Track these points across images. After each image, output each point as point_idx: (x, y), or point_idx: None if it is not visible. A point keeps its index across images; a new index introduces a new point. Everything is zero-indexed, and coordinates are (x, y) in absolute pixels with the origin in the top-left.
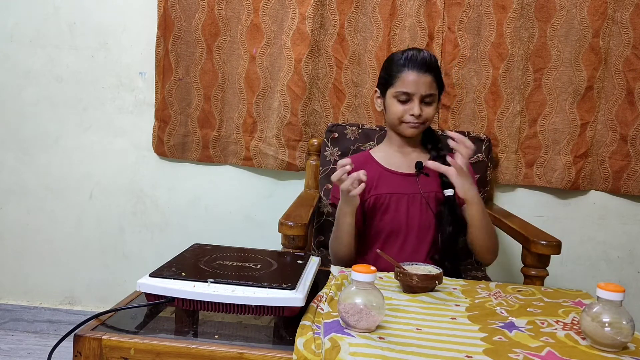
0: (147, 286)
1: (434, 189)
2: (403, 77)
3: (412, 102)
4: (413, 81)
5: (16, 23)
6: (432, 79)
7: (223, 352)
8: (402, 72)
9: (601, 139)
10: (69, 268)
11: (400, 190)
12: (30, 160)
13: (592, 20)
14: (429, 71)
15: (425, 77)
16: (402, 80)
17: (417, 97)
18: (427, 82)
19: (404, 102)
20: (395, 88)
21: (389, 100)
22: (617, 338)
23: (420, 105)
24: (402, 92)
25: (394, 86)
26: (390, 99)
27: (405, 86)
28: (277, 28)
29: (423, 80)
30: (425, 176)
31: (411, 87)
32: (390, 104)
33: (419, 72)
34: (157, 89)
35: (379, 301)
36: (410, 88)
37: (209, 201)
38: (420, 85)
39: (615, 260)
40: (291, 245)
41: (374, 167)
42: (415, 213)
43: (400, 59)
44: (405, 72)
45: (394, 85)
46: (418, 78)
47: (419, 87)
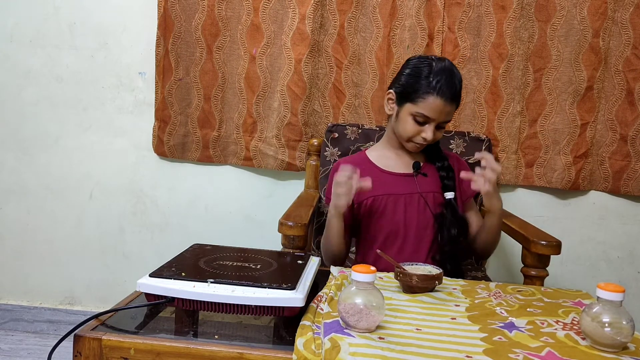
0: (147, 286)
1: (432, 189)
2: (429, 101)
3: (428, 125)
4: (437, 109)
5: (16, 23)
6: (455, 107)
7: (223, 352)
8: (429, 95)
9: (601, 139)
10: (69, 268)
11: (397, 191)
12: (30, 160)
13: (592, 21)
14: (454, 100)
15: (450, 106)
16: (426, 103)
17: (434, 123)
18: (449, 112)
19: (420, 124)
20: (416, 107)
21: (404, 114)
22: (617, 338)
23: (435, 130)
24: (422, 115)
25: (416, 105)
26: (406, 114)
27: (428, 111)
28: (277, 28)
29: (447, 110)
30: (423, 176)
31: (433, 113)
32: (404, 119)
33: (446, 101)
34: (157, 89)
35: (379, 301)
36: (432, 115)
37: (209, 201)
38: (443, 113)
39: (615, 260)
40: (291, 245)
41: (369, 168)
42: (413, 214)
43: (431, 81)
44: (433, 97)
45: (416, 104)
46: (443, 107)
47: (441, 115)
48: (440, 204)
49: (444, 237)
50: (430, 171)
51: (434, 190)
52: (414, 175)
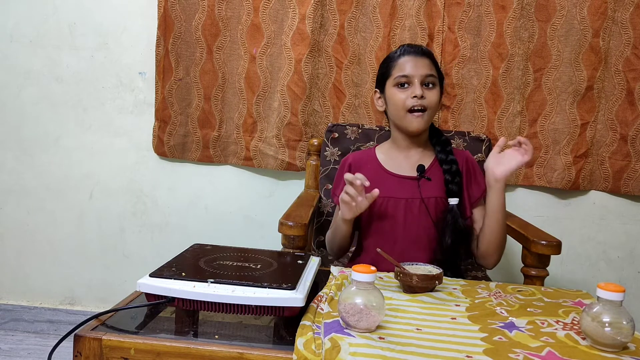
0: (147, 286)
1: (435, 194)
2: (400, 63)
3: (412, 85)
4: (410, 64)
5: (16, 23)
6: (430, 62)
7: (223, 352)
8: (398, 60)
9: (601, 139)
10: (69, 268)
11: (398, 194)
12: (30, 160)
13: (592, 20)
14: (424, 55)
15: (422, 59)
16: (399, 66)
17: (417, 79)
18: (425, 64)
19: (405, 89)
20: (393, 75)
21: (389, 92)
22: (617, 338)
23: (422, 88)
24: (400, 76)
25: (392, 75)
26: (390, 89)
27: (403, 70)
28: (277, 28)
29: (421, 63)
30: (427, 180)
31: (409, 69)
32: (390, 95)
33: (415, 56)
34: (157, 89)
35: (379, 301)
36: (409, 70)
37: (209, 201)
38: (419, 66)
39: (615, 260)
40: (291, 245)
41: (374, 167)
42: (413, 219)
43: (394, 52)
44: (402, 58)
45: (392, 74)
46: (415, 61)
47: (417, 68)
48: (443, 209)
49: (442, 244)
50: (436, 174)
51: (437, 195)
52: (417, 179)
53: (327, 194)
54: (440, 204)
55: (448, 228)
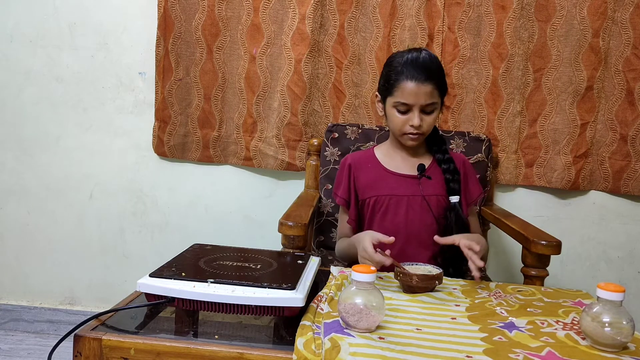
0: (147, 286)
1: (436, 192)
2: (401, 87)
3: (411, 112)
4: (412, 92)
5: (16, 23)
6: (433, 87)
7: (223, 352)
8: (400, 81)
9: (601, 139)
10: (69, 268)
11: (400, 192)
12: (30, 160)
13: (592, 20)
14: (428, 79)
15: (424, 86)
16: (400, 90)
17: (416, 108)
18: (426, 92)
19: (404, 113)
20: (394, 98)
21: (388, 109)
22: (617, 338)
23: (421, 115)
24: (400, 103)
25: (393, 96)
26: (390, 108)
27: (404, 97)
28: (277, 28)
29: (423, 91)
30: (427, 179)
31: (410, 98)
32: (390, 114)
33: (417, 82)
34: (157, 89)
35: (379, 301)
36: (409, 99)
37: (209, 201)
38: (420, 95)
39: (615, 260)
40: (291, 245)
41: (374, 166)
42: (415, 216)
43: (398, 66)
44: (404, 82)
45: (393, 95)
46: (417, 88)
47: (419, 97)
48: (444, 207)
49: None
50: (435, 173)
51: (437, 194)
52: (418, 178)
53: (327, 194)
54: (442, 201)
55: (453, 225)
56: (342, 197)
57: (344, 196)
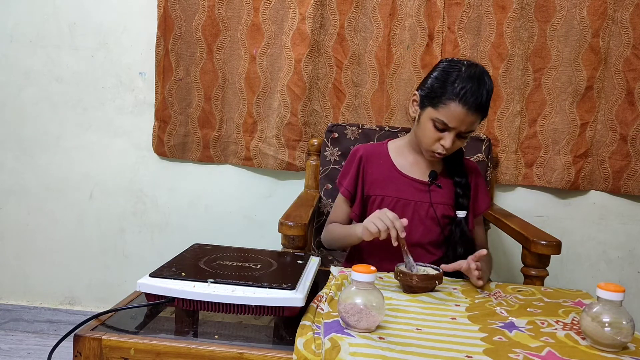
0: (147, 286)
1: (444, 201)
2: (450, 108)
3: (447, 133)
4: (458, 117)
5: (16, 23)
6: (479, 118)
7: (223, 352)
8: (451, 102)
9: (601, 139)
10: (69, 268)
11: (408, 196)
12: (30, 160)
13: (592, 20)
14: (479, 110)
15: (472, 116)
16: (447, 110)
17: (454, 132)
18: (472, 121)
19: (440, 131)
20: (437, 113)
21: (425, 118)
22: (617, 338)
23: (455, 139)
24: (441, 121)
25: (437, 110)
26: (426, 118)
27: (448, 119)
28: (277, 28)
29: (469, 120)
30: (437, 187)
31: (453, 122)
32: (424, 124)
33: (468, 110)
34: (157, 89)
35: (379, 301)
36: (452, 123)
37: (209, 201)
38: (465, 123)
39: (615, 260)
40: (291, 245)
41: (386, 163)
42: (419, 222)
43: (456, 87)
44: (455, 104)
45: (437, 110)
46: (465, 117)
47: (462, 124)
48: (449, 218)
49: (448, 254)
50: (446, 182)
51: (445, 202)
52: (428, 185)
53: (327, 194)
54: (447, 210)
55: (457, 240)
56: (347, 189)
57: (348, 188)
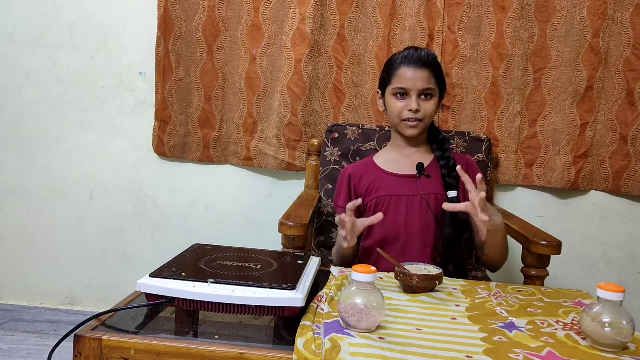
0: (147, 286)
1: (435, 190)
2: (399, 73)
3: (409, 97)
4: (409, 76)
5: (16, 23)
6: (429, 73)
7: (223, 352)
8: (398, 68)
9: (601, 139)
10: (69, 268)
11: (399, 192)
12: (30, 160)
13: (592, 21)
14: (425, 66)
15: (421, 71)
16: (398, 76)
17: (414, 92)
18: (423, 77)
19: (402, 99)
20: (392, 85)
21: (388, 99)
22: (617, 338)
23: (418, 100)
24: (398, 88)
25: (391, 83)
26: (389, 97)
27: (402, 82)
28: (277, 28)
29: (419, 75)
30: (426, 177)
31: (407, 82)
32: (389, 102)
33: (414, 67)
34: (157, 89)
35: (379, 301)
36: (406, 83)
37: (209, 201)
38: (417, 80)
39: (615, 260)
40: (291, 245)
41: (374, 172)
42: (414, 215)
43: (397, 58)
44: (402, 68)
45: (391, 83)
46: (414, 73)
47: (416, 82)
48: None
49: (442, 236)
50: (435, 172)
51: (437, 192)
52: (417, 177)
53: (327, 194)
54: (440, 199)
55: (448, 219)
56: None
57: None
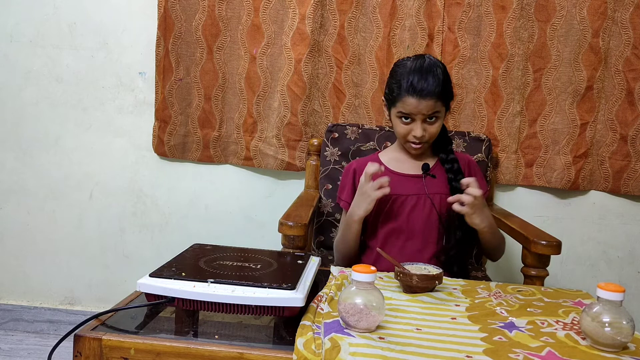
0: (147, 286)
1: (440, 191)
2: (405, 101)
3: (414, 122)
4: (414, 106)
5: (16, 23)
6: (436, 100)
7: (223, 352)
8: (402, 96)
9: (601, 139)
10: (69, 268)
11: (405, 191)
12: (30, 160)
13: (592, 21)
14: (429, 95)
15: (425, 101)
16: (403, 103)
17: (419, 118)
18: (428, 105)
19: (407, 122)
20: (397, 108)
21: (393, 117)
22: (617, 338)
23: (424, 125)
24: (403, 112)
25: (396, 107)
26: (394, 116)
27: (406, 108)
28: (277, 28)
29: (424, 105)
30: (432, 178)
31: (412, 109)
32: (394, 122)
33: (418, 97)
34: (157, 89)
35: (379, 301)
36: (412, 111)
37: (209, 201)
38: (422, 108)
39: (615, 260)
40: (291, 245)
41: None
42: (419, 214)
43: (401, 79)
44: (406, 96)
45: (397, 106)
46: (418, 103)
47: (420, 109)
48: (448, 206)
49: (450, 240)
50: (440, 172)
51: (441, 192)
52: (423, 177)
53: (327, 194)
54: (445, 200)
55: (456, 223)
56: (346, 201)
57: (348, 200)
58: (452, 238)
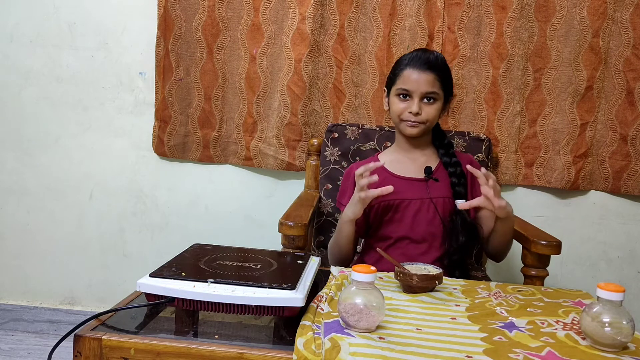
0: (147, 286)
1: (443, 195)
2: (404, 74)
3: (411, 99)
4: (413, 79)
5: (16, 23)
6: (435, 77)
7: (223, 352)
8: (404, 70)
9: (601, 139)
10: (69, 268)
11: (408, 195)
12: (30, 160)
13: (592, 21)
14: (430, 69)
15: (426, 75)
16: (403, 77)
17: (416, 95)
18: (428, 81)
19: (405, 100)
20: (396, 85)
21: (392, 99)
22: (617, 338)
23: (421, 104)
24: (402, 89)
25: (396, 84)
26: (392, 97)
27: (405, 83)
28: (277, 28)
29: (424, 79)
30: (435, 181)
31: (411, 84)
32: (392, 102)
33: (420, 70)
34: (157, 89)
35: (379, 301)
36: (410, 85)
37: (209, 201)
38: (421, 83)
39: (615, 260)
40: (291, 245)
41: (381, 174)
42: (422, 219)
43: (405, 59)
44: (407, 69)
45: (396, 83)
46: (419, 76)
47: (420, 85)
48: (451, 209)
49: (452, 244)
50: (442, 176)
51: (444, 196)
52: (425, 180)
53: (327, 194)
54: (448, 204)
55: (459, 228)
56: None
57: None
58: (455, 243)
